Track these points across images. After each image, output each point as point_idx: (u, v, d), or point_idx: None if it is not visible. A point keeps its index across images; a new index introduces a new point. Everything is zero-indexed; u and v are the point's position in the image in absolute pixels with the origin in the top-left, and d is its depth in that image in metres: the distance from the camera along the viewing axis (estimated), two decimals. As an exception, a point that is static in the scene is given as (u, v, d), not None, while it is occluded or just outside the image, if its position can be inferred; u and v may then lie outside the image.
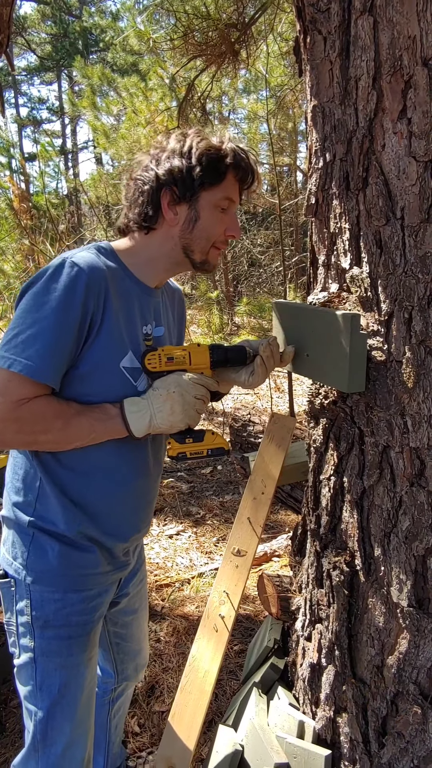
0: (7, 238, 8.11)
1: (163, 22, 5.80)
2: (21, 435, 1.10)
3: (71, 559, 1.23)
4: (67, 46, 19.50)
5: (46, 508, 1.21)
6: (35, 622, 1.22)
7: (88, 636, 1.28)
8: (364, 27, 1.15)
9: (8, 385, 1.06)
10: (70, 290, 1.08)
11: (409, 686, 1.24)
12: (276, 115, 7.68)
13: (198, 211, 1.20)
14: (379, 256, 1.20)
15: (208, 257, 1.26)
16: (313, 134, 1.34)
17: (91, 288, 1.11)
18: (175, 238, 1.23)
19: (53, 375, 1.09)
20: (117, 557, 1.33)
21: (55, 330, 1.07)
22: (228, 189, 1.22)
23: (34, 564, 1.22)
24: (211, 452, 1.24)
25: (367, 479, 1.28)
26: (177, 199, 1.20)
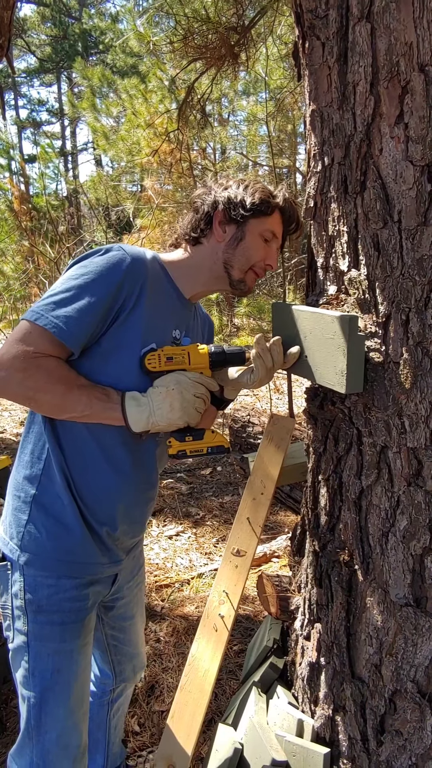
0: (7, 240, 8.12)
1: (163, 25, 5.82)
2: (22, 387, 1.12)
3: (64, 543, 1.25)
4: (67, 47, 19.53)
5: (50, 481, 1.24)
6: (29, 606, 1.24)
7: (81, 623, 1.29)
8: (362, 33, 1.16)
9: (29, 336, 1.11)
10: (111, 268, 1.16)
11: (407, 684, 1.25)
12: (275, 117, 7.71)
13: (244, 233, 1.31)
14: (377, 258, 1.22)
15: (246, 277, 1.34)
16: (312, 138, 1.36)
17: (131, 273, 1.18)
18: (219, 252, 1.32)
19: (74, 340, 1.13)
20: (111, 549, 1.34)
21: (89, 300, 1.13)
22: (274, 224, 1.33)
23: (28, 545, 1.24)
24: (211, 450, 1.25)
25: (365, 479, 1.30)
26: (228, 219, 1.31)
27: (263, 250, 1.34)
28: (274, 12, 4.54)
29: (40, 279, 8.07)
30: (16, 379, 1.10)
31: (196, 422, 1.24)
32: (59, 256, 7.61)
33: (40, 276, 8.13)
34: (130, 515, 1.35)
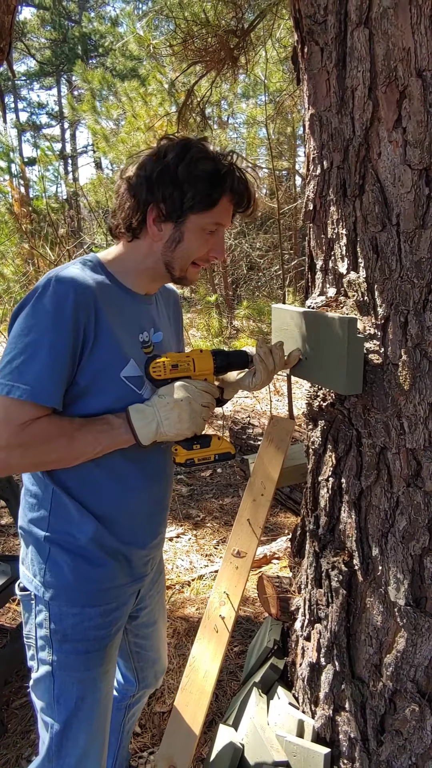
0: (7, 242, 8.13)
1: (163, 28, 5.84)
2: (27, 459, 1.09)
3: (86, 573, 1.22)
4: (67, 51, 19.58)
5: (61, 520, 1.21)
6: (53, 635, 1.22)
7: (104, 650, 1.28)
8: (360, 39, 1.18)
9: (8, 411, 1.05)
10: (59, 308, 1.07)
11: (407, 684, 1.26)
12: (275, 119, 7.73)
13: (183, 233, 1.18)
14: (376, 261, 1.23)
15: (187, 274, 1.25)
16: (311, 142, 1.37)
17: (80, 303, 1.09)
18: (157, 253, 1.21)
19: (53, 396, 1.09)
20: (136, 567, 1.32)
21: (49, 350, 1.06)
22: (219, 214, 1.19)
23: (51, 581, 1.21)
24: (218, 457, 1.25)
25: (364, 480, 1.30)
26: (163, 218, 1.17)
27: (206, 244, 1.21)
28: (274, 15, 4.56)
29: (40, 281, 8.07)
30: (16, 456, 1.07)
31: (202, 431, 1.23)
32: (59, 258, 7.62)
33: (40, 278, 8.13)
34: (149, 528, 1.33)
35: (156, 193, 1.15)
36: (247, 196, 1.21)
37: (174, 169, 1.14)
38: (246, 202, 1.22)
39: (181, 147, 1.16)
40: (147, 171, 1.16)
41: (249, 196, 1.21)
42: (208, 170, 1.14)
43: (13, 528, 3.39)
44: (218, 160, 1.16)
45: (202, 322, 8.68)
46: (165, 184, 1.14)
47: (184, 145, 1.16)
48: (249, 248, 9.98)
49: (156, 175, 1.14)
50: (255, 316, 8.14)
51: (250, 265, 10.35)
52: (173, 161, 1.14)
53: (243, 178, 1.19)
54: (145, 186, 1.16)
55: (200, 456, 1.23)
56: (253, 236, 10.08)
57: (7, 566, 2.27)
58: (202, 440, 1.23)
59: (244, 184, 1.19)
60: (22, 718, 2.00)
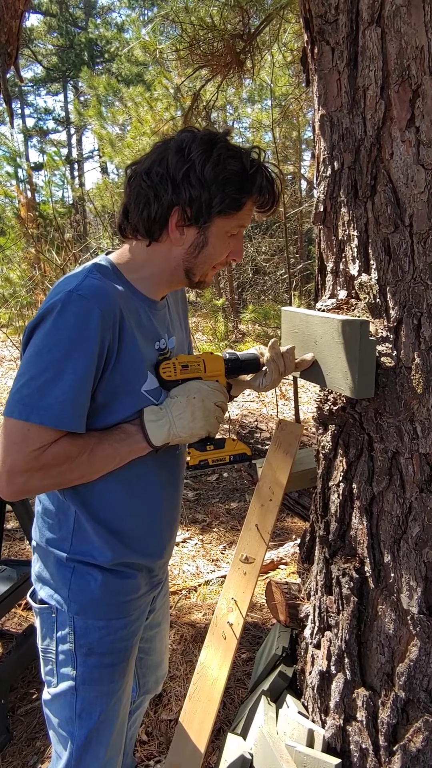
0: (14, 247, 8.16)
1: (168, 33, 5.86)
2: (48, 480, 1.05)
3: (114, 587, 1.20)
4: (73, 57, 19.71)
5: (83, 541, 1.17)
6: (78, 650, 1.19)
7: (127, 661, 1.26)
8: (372, 38, 1.16)
9: (27, 435, 1.00)
10: (83, 326, 1.00)
11: (419, 694, 1.23)
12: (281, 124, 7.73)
13: (207, 238, 1.12)
14: (388, 263, 1.21)
15: (206, 278, 1.21)
16: (321, 143, 1.36)
17: (106, 320, 1.02)
18: (178, 258, 1.15)
19: (76, 420, 1.03)
20: (155, 575, 1.31)
21: (74, 371, 1.00)
22: (244, 216, 1.14)
23: (77, 596, 1.18)
24: (234, 458, 1.21)
25: (376, 485, 1.28)
26: (187, 222, 1.10)
27: (228, 248, 1.17)
28: (280, 19, 4.57)
29: (47, 286, 8.10)
30: (36, 478, 1.03)
31: (217, 432, 1.20)
32: (65, 263, 7.64)
33: (46, 283, 8.16)
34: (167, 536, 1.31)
35: (182, 195, 1.07)
36: (272, 196, 1.15)
37: (201, 169, 1.06)
38: (271, 202, 1.16)
39: (206, 143, 1.07)
40: (170, 169, 1.07)
41: (274, 196, 1.16)
42: (236, 170, 1.07)
43: (19, 532, 3.37)
44: (246, 159, 1.09)
45: (207, 326, 8.67)
46: (192, 185, 1.06)
47: (210, 140, 1.08)
48: (255, 252, 9.98)
49: (182, 175, 1.06)
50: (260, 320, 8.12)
51: (255, 269, 10.35)
52: (199, 160, 1.06)
53: (270, 177, 1.13)
54: (170, 186, 1.07)
55: (214, 457, 1.20)
56: (258, 240, 10.08)
57: (13, 571, 2.26)
58: (215, 442, 1.20)
59: (270, 184, 1.13)
60: (27, 725, 1.98)
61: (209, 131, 1.11)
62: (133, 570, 1.22)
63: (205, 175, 1.06)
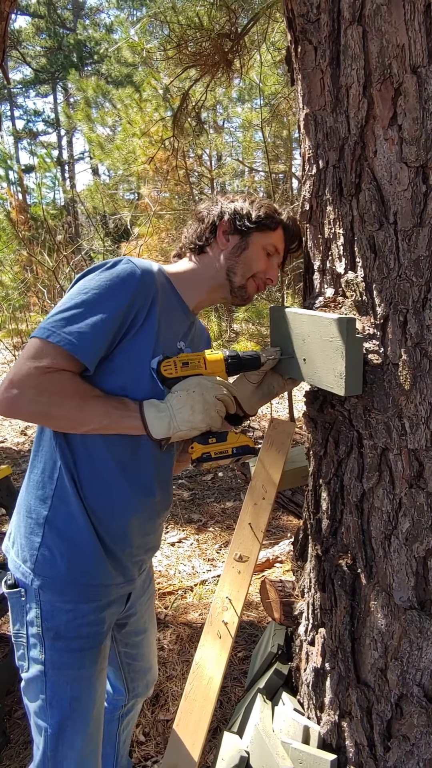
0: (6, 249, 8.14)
1: (157, 33, 5.85)
2: (36, 404, 1.08)
3: (79, 565, 1.21)
4: (62, 58, 19.66)
5: (63, 501, 1.20)
6: (46, 633, 1.20)
7: (98, 648, 1.26)
8: (354, 36, 1.17)
9: (41, 352, 1.08)
10: (123, 282, 1.15)
11: (413, 689, 1.24)
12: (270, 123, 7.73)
13: (247, 244, 1.33)
14: (374, 260, 1.21)
15: (247, 285, 1.35)
16: (306, 142, 1.36)
17: (143, 286, 1.17)
18: (222, 260, 1.34)
19: (89, 355, 1.11)
20: (127, 567, 1.31)
21: (101, 314, 1.11)
22: (277, 239, 1.36)
23: (42, 568, 1.20)
24: (237, 451, 1.20)
25: (366, 482, 1.29)
26: (232, 230, 1.33)
27: (265, 263, 1.36)
28: (267, 19, 4.57)
29: (39, 288, 8.08)
30: (28, 396, 1.07)
31: (218, 427, 1.21)
32: (57, 265, 7.62)
33: (38, 285, 8.14)
34: (144, 528, 1.32)
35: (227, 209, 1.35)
36: (298, 238, 1.42)
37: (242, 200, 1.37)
38: (297, 242, 1.42)
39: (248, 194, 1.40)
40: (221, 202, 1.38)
41: (300, 239, 1.42)
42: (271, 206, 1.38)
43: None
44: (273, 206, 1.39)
45: (201, 325, 8.67)
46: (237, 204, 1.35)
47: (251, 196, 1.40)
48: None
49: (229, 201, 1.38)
50: (254, 319, 8.12)
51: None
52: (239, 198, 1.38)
53: (295, 219, 1.41)
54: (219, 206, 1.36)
55: (217, 450, 1.19)
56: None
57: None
58: (218, 435, 1.20)
59: (296, 224, 1.41)
60: (24, 728, 1.98)
61: None
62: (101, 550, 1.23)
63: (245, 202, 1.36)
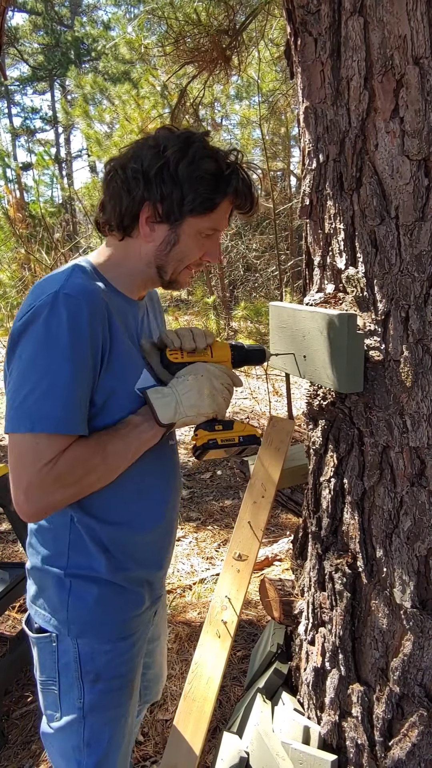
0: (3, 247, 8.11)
1: (154, 30, 5.82)
2: (68, 490, 1.01)
3: (114, 603, 1.15)
4: (59, 55, 19.58)
5: (81, 554, 1.12)
6: (85, 677, 1.14)
7: (134, 681, 1.23)
8: (355, 27, 1.15)
9: (37, 448, 0.96)
10: (76, 326, 0.97)
11: (414, 689, 1.22)
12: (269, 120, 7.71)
13: (178, 236, 1.10)
14: (375, 255, 1.20)
15: (179, 277, 1.17)
16: (306, 135, 1.34)
17: (95, 317, 1.01)
18: (150, 255, 1.13)
19: (82, 423, 1.01)
20: (156, 589, 1.27)
21: (73, 374, 0.97)
22: (218, 218, 1.12)
23: (76, 616, 1.13)
24: (243, 440, 1.16)
25: (367, 480, 1.28)
26: (158, 218, 1.09)
27: (201, 248, 1.14)
28: (265, 15, 4.55)
29: (37, 286, 8.04)
30: (54, 491, 0.99)
31: (224, 414, 1.17)
32: (55, 263, 7.59)
33: (36, 283, 8.10)
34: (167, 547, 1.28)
35: (153, 192, 1.06)
36: (249, 200, 1.13)
37: (174, 166, 1.05)
38: (248, 205, 1.14)
39: (182, 142, 1.06)
40: (144, 165, 1.06)
41: (252, 199, 1.14)
42: (210, 170, 1.06)
43: (12, 534, 3.35)
44: (222, 160, 1.08)
45: (199, 323, 8.67)
46: (164, 182, 1.05)
47: (186, 138, 1.07)
48: (245, 249, 9.96)
49: (155, 171, 1.05)
50: (252, 317, 8.11)
51: (246, 266, 10.34)
52: (174, 157, 1.05)
53: (247, 180, 1.11)
54: (142, 182, 1.06)
55: (223, 437, 1.15)
56: (249, 237, 10.07)
57: (6, 573, 2.24)
58: (224, 422, 1.17)
59: (247, 187, 1.12)
60: (22, 728, 1.97)
61: (188, 130, 1.10)
62: (133, 585, 1.18)
63: (178, 173, 1.05)
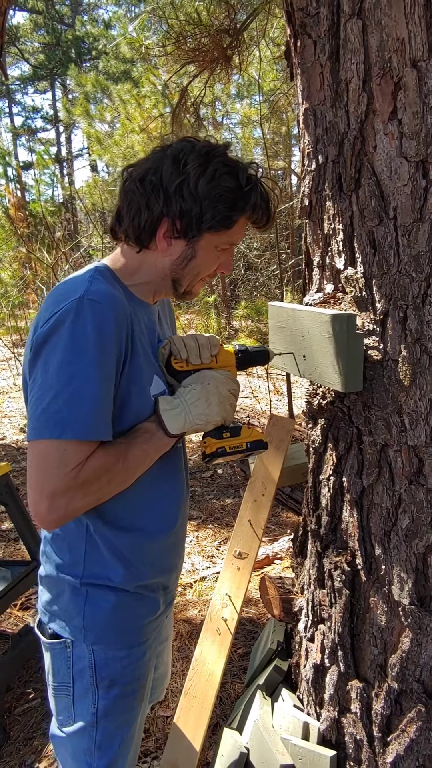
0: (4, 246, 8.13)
1: (155, 29, 5.83)
2: (90, 496, 1.01)
3: (130, 610, 1.16)
4: (60, 54, 19.58)
5: (97, 563, 1.12)
6: (100, 682, 1.14)
7: (146, 685, 1.23)
8: (353, 30, 1.16)
9: (64, 454, 0.96)
10: (102, 332, 0.97)
11: (412, 685, 1.24)
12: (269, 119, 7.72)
13: (195, 251, 1.11)
14: (373, 256, 1.21)
15: (193, 289, 1.19)
16: (306, 137, 1.35)
17: (120, 324, 1.01)
18: (166, 269, 1.14)
19: (109, 428, 1.01)
20: (170, 591, 1.28)
21: (100, 379, 0.97)
22: (235, 234, 1.12)
23: (93, 624, 1.13)
24: (251, 445, 1.19)
25: (366, 478, 1.29)
26: (176, 234, 1.09)
27: (216, 261, 1.16)
28: (266, 14, 4.55)
29: (38, 285, 8.07)
30: (79, 498, 0.99)
31: (231, 419, 1.19)
32: (56, 262, 7.61)
33: (37, 282, 8.13)
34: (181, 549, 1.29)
35: (172, 208, 1.06)
36: (267, 215, 1.13)
37: (195, 183, 1.04)
38: (265, 220, 1.14)
39: (203, 156, 1.06)
40: (164, 180, 1.06)
41: (269, 214, 1.13)
42: (230, 187, 1.05)
43: (13, 533, 3.37)
44: (241, 175, 1.07)
45: (200, 323, 8.68)
46: (183, 198, 1.05)
47: (207, 153, 1.06)
48: (246, 248, 9.97)
49: (174, 187, 1.05)
50: (253, 316, 8.13)
51: (247, 265, 10.35)
52: (194, 173, 1.04)
53: (265, 195, 1.11)
54: (162, 197, 1.06)
55: (232, 444, 1.17)
56: (250, 236, 10.08)
57: (8, 572, 2.26)
58: (231, 429, 1.19)
59: (265, 202, 1.11)
60: (24, 724, 1.98)
61: (209, 143, 1.10)
62: (149, 591, 1.18)
63: (198, 190, 1.04)
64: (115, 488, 1.06)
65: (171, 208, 1.06)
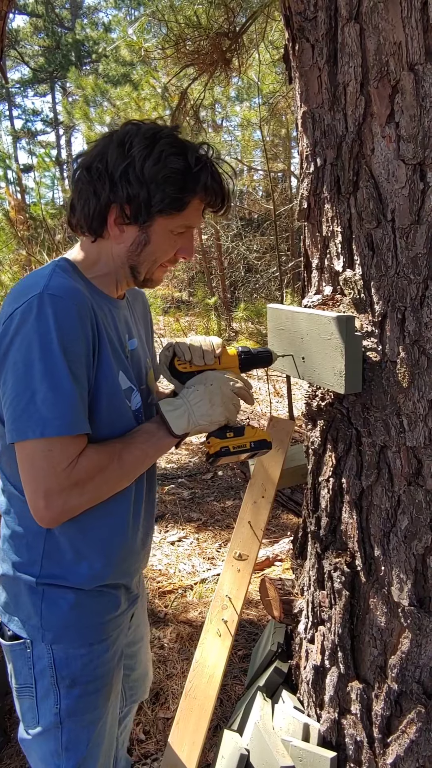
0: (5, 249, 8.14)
1: (155, 32, 5.84)
2: (86, 495, 1.01)
3: (88, 608, 1.14)
4: (60, 58, 19.61)
5: (55, 563, 1.10)
6: (61, 682, 1.12)
7: (111, 684, 1.21)
8: (351, 34, 1.17)
9: (51, 453, 0.95)
10: (66, 326, 0.96)
11: (412, 686, 1.24)
12: (269, 121, 7.74)
13: (149, 236, 1.08)
14: (372, 258, 1.22)
15: (153, 276, 1.15)
16: (304, 140, 1.36)
17: (84, 317, 0.99)
18: (122, 257, 1.11)
19: (86, 421, 1.01)
20: (132, 590, 1.27)
21: (71, 373, 0.96)
22: (189, 217, 1.09)
23: (50, 623, 1.11)
24: (254, 445, 1.19)
25: (365, 479, 1.29)
26: (126, 220, 1.06)
27: (175, 246, 1.12)
28: (265, 17, 4.57)
29: (38, 288, 8.06)
30: (75, 496, 0.99)
31: (235, 420, 1.19)
32: (57, 264, 7.60)
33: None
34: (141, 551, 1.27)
35: (119, 193, 1.03)
36: (221, 196, 1.10)
37: (140, 166, 1.01)
38: (219, 201, 1.11)
39: (148, 139, 1.02)
40: (109, 166, 1.03)
41: (223, 195, 1.10)
42: (178, 168, 1.02)
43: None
44: (190, 155, 1.04)
45: (201, 324, 8.68)
46: (130, 183, 1.02)
47: (153, 135, 1.03)
48: (246, 250, 9.98)
49: (120, 172, 1.02)
50: (253, 318, 8.14)
51: (247, 267, 10.36)
52: (140, 156, 1.01)
53: (217, 176, 1.08)
54: (108, 183, 1.03)
55: (235, 444, 1.18)
56: (250, 238, 10.09)
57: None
58: (235, 429, 1.19)
59: (218, 183, 1.08)
60: (25, 727, 1.98)
61: (155, 125, 1.07)
62: (109, 588, 1.17)
63: (144, 173, 1.01)
64: (113, 487, 1.07)
65: (118, 193, 1.03)
